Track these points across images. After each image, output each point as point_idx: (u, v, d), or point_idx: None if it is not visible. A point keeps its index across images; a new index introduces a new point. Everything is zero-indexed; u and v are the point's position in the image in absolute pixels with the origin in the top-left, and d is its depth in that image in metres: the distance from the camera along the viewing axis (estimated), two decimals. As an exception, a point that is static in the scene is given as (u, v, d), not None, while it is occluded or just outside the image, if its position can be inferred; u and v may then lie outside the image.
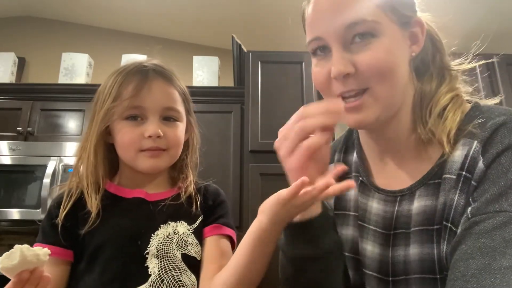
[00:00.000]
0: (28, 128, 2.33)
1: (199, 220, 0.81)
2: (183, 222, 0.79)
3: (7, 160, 2.23)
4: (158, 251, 0.74)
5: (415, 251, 0.57)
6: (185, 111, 0.85)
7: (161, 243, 0.75)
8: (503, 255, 0.44)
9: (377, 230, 0.62)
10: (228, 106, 2.44)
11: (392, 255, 0.60)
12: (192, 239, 0.78)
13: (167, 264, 0.74)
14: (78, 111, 2.42)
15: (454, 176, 0.54)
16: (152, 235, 0.75)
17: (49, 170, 2.17)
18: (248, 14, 2.81)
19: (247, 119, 2.26)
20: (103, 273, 0.72)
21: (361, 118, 0.56)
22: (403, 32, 0.58)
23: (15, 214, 2.15)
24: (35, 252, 0.58)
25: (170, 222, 0.78)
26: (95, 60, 2.72)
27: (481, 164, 0.51)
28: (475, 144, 0.53)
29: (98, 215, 0.75)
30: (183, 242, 0.77)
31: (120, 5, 2.89)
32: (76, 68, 2.57)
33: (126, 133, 0.77)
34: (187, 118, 0.86)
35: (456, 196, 0.53)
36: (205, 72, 2.63)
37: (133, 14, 2.97)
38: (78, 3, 2.93)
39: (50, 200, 2.09)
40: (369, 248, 0.63)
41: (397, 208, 0.60)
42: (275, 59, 2.37)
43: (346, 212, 0.69)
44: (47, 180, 2.13)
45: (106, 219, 0.75)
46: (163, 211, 0.79)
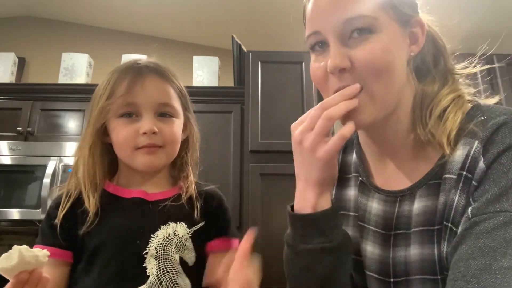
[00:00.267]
0: (28, 128, 2.33)
1: (200, 225, 0.80)
2: (183, 223, 0.78)
3: (7, 160, 2.23)
4: (157, 252, 0.73)
5: (415, 251, 0.57)
6: (182, 107, 0.84)
7: (160, 244, 0.74)
8: (504, 255, 0.44)
9: (377, 230, 0.62)
10: (228, 106, 2.44)
11: (393, 256, 0.59)
12: (189, 243, 0.77)
13: (165, 265, 0.73)
14: (78, 111, 2.41)
15: (454, 176, 0.54)
16: (152, 235, 0.74)
17: (49, 170, 2.17)
18: (248, 14, 2.81)
19: (247, 119, 2.25)
20: (102, 273, 0.71)
21: (358, 120, 0.56)
22: (402, 31, 0.58)
23: (15, 214, 2.14)
24: (34, 253, 0.58)
25: (170, 223, 0.77)
26: (95, 60, 2.72)
27: (482, 164, 0.51)
28: (476, 144, 0.52)
29: (97, 215, 0.74)
30: (181, 245, 0.76)
31: (120, 5, 2.89)
32: (76, 68, 2.57)
33: (121, 130, 0.77)
34: (185, 115, 0.85)
35: (457, 196, 0.53)
36: (205, 72, 2.63)
37: (133, 14, 2.97)
38: (78, 3, 2.93)
39: (50, 200, 2.10)
40: (369, 249, 0.63)
41: (397, 208, 0.60)
42: (275, 59, 2.37)
43: (346, 212, 0.69)
44: (47, 180, 2.13)
45: (105, 219, 0.75)
46: (163, 211, 0.78)
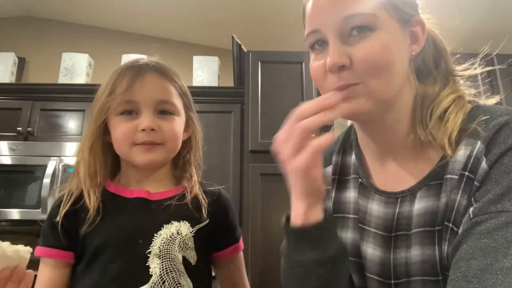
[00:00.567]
0: (28, 128, 2.34)
1: (204, 223, 0.80)
2: (186, 222, 0.78)
3: (7, 160, 2.23)
4: (160, 251, 0.73)
5: (416, 252, 0.56)
6: (183, 106, 0.84)
7: (164, 243, 0.74)
8: (505, 255, 0.44)
9: (377, 232, 0.62)
10: (228, 106, 2.44)
11: (394, 258, 0.59)
12: (191, 243, 0.77)
13: (168, 265, 0.73)
14: (78, 111, 2.42)
15: (456, 176, 0.53)
16: (155, 234, 0.74)
17: (49, 170, 2.17)
18: (248, 14, 2.81)
19: (247, 119, 2.25)
20: (104, 273, 0.71)
21: (352, 107, 0.55)
22: (403, 30, 0.58)
23: (15, 214, 2.15)
24: (16, 248, 0.58)
25: (173, 222, 0.77)
26: (95, 60, 2.72)
27: (484, 165, 0.50)
28: (479, 145, 0.52)
29: (98, 214, 0.74)
30: (184, 245, 0.76)
31: (120, 5, 2.89)
32: (76, 68, 2.57)
33: (120, 127, 0.77)
34: (187, 114, 0.85)
35: (458, 196, 0.52)
36: (205, 72, 2.63)
37: (133, 14, 2.97)
38: (78, 3, 2.93)
39: (51, 200, 2.10)
40: (369, 251, 0.62)
41: (398, 209, 0.59)
42: (275, 59, 2.37)
43: (345, 214, 0.68)
44: (47, 180, 2.13)
45: (107, 218, 0.75)
46: (167, 210, 0.78)
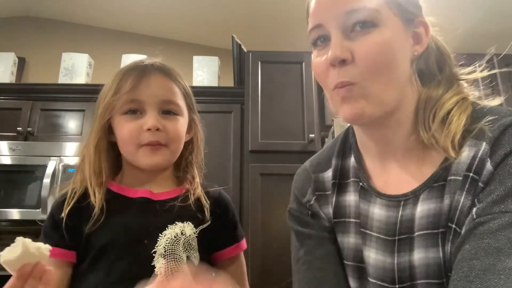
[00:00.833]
0: (28, 128, 2.33)
1: (207, 224, 0.80)
2: (190, 223, 0.78)
3: (7, 160, 2.23)
4: (165, 251, 0.73)
5: (420, 256, 0.55)
6: (186, 107, 0.84)
7: (169, 243, 0.74)
8: (508, 256, 0.43)
9: (380, 236, 0.60)
10: (228, 106, 2.44)
11: (398, 262, 0.58)
12: (195, 243, 0.77)
13: (173, 265, 0.73)
14: (78, 111, 2.42)
15: (460, 178, 0.53)
16: (160, 234, 0.75)
17: (49, 170, 2.17)
18: (248, 14, 2.81)
19: (247, 119, 2.25)
20: (109, 272, 0.71)
21: (354, 109, 0.55)
22: (405, 29, 0.57)
23: (15, 214, 2.15)
24: (37, 245, 0.57)
25: (177, 223, 0.77)
26: (95, 60, 2.72)
27: (489, 166, 0.50)
28: (484, 146, 0.51)
29: (102, 213, 0.74)
30: (188, 245, 0.76)
31: (120, 5, 2.89)
32: (76, 68, 2.57)
33: (125, 127, 0.77)
34: (189, 115, 0.85)
35: (462, 197, 0.52)
36: (205, 72, 2.63)
37: (133, 14, 2.97)
38: (78, 3, 2.93)
39: (51, 200, 2.10)
40: (372, 255, 0.61)
41: (401, 213, 0.58)
42: (275, 59, 2.37)
43: (346, 219, 0.66)
44: (47, 180, 2.13)
45: (111, 218, 0.75)
46: (170, 211, 0.78)
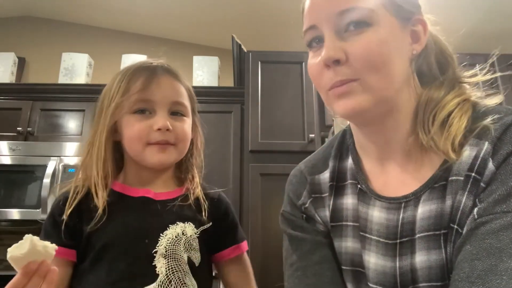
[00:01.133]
0: (28, 128, 2.33)
1: (208, 225, 0.81)
2: (190, 223, 0.79)
3: (7, 160, 2.23)
4: (166, 251, 0.74)
5: (422, 258, 0.54)
6: (191, 109, 0.86)
7: (169, 243, 0.75)
8: (510, 256, 0.43)
9: (380, 240, 0.59)
10: (228, 106, 2.44)
11: (400, 266, 0.56)
12: (196, 244, 0.78)
13: (174, 265, 0.74)
14: (78, 111, 2.41)
15: (461, 178, 0.52)
16: (161, 234, 0.75)
17: (49, 170, 2.17)
18: (248, 14, 2.81)
19: (247, 119, 2.25)
20: (110, 272, 0.71)
21: (351, 104, 0.53)
22: (402, 27, 0.56)
23: (15, 214, 2.14)
24: (44, 244, 0.58)
25: (178, 223, 0.77)
26: (95, 60, 2.72)
27: (491, 165, 0.49)
28: (486, 146, 0.50)
29: (104, 213, 0.74)
30: (189, 245, 0.77)
31: (120, 5, 2.89)
32: (76, 68, 2.57)
33: (135, 126, 0.78)
34: (192, 117, 0.87)
35: (464, 197, 0.51)
36: (205, 72, 2.63)
37: (133, 14, 2.97)
38: (78, 3, 2.93)
39: (51, 200, 2.10)
40: (372, 260, 0.59)
41: (402, 215, 0.57)
42: (275, 59, 2.37)
43: (343, 223, 0.64)
44: (47, 180, 2.13)
45: (113, 217, 0.75)
46: (172, 211, 0.78)
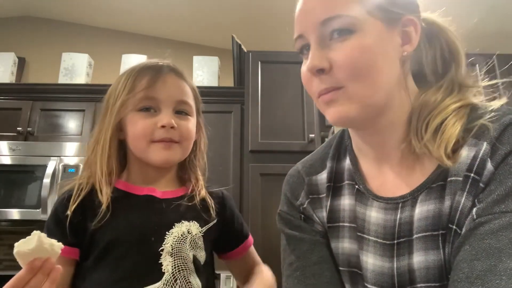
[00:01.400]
0: (28, 128, 2.33)
1: (212, 223, 0.82)
2: (195, 222, 0.79)
3: (7, 160, 2.23)
4: (172, 249, 0.74)
5: (420, 258, 0.54)
6: (195, 109, 0.87)
7: (176, 241, 0.75)
8: (510, 256, 0.43)
9: (377, 240, 0.59)
10: (228, 106, 2.44)
11: (397, 266, 0.56)
12: (201, 242, 0.79)
13: (180, 263, 0.74)
14: (78, 111, 2.41)
15: (460, 178, 0.51)
16: (167, 232, 0.75)
17: (49, 170, 2.17)
18: (248, 14, 2.81)
19: (247, 119, 2.25)
20: (115, 270, 0.71)
21: (338, 112, 0.55)
22: (389, 30, 0.55)
23: (15, 214, 2.14)
24: (51, 241, 0.58)
25: (183, 221, 0.78)
26: (95, 60, 2.72)
27: (490, 166, 0.49)
28: (485, 146, 0.50)
29: (108, 209, 0.74)
30: (195, 244, 0.77)
31: (120, 5, 2.89)
32: (76, 68, 2.57)
33: (139, 123, 0.78)
34: (196, 117, 0.87)
35: (463, 198, 0.51)
36: (205, 72, 2.63)
37: (133, 14, 2.97)
38: (78, 3, 2.93)
39: (51, 200, 2.10)
40: (370, 260, 0.59)
41: (399, 215, 0.57)
42: (275, 59, 2.37)
43: (340, 223, 0.64)
44: (47, 180, 2.13)
45: (117, 215, 0.75)
46: (176, 210, 0.79)
